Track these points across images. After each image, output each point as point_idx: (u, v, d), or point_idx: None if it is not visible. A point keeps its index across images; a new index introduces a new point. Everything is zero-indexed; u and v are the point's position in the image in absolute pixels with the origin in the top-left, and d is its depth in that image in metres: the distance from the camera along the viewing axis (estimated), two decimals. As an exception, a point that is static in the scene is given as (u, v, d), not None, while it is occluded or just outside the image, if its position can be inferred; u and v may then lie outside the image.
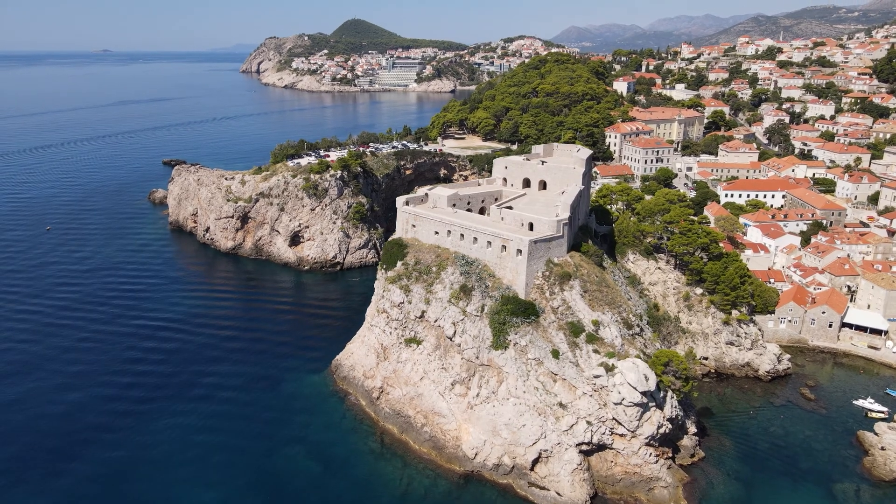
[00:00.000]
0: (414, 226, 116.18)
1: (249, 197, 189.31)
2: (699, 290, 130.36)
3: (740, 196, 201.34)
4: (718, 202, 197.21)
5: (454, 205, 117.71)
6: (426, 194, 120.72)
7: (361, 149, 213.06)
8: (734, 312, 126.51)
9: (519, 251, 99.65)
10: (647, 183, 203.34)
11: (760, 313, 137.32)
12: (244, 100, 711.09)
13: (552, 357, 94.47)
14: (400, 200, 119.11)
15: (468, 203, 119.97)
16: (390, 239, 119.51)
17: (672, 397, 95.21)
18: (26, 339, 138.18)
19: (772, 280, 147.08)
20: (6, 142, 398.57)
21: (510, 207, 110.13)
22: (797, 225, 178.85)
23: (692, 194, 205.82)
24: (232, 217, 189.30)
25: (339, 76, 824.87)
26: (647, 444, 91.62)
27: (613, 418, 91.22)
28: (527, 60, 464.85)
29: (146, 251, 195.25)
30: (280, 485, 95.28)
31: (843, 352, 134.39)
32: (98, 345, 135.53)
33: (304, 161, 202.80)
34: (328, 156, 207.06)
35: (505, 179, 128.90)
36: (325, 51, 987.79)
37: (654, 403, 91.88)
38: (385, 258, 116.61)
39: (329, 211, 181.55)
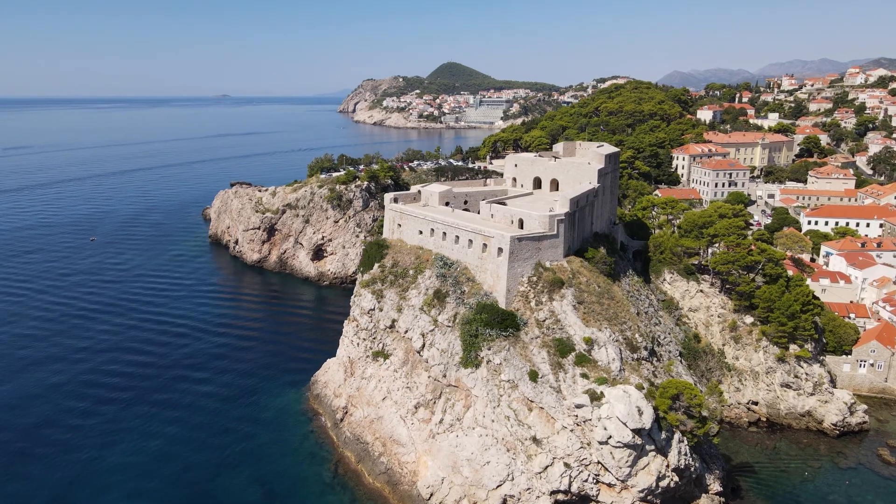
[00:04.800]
0: (400, 225, 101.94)
1: (277, 208, 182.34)
2: (749, 319, 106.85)
3: (826, 223, 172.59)
4: (799, 230, 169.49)
5: (448, 203, 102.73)
6: (419, 192, 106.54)
7: (401, 164, 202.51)
8: (792, 347, 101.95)
9: (500, 250, 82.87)
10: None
11: (833, 353, 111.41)
12: (331, 134, 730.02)
13: (529, 380, 76.07)
14: (388, 197, 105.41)
15: (465, 202, 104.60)
16: (372, 240, 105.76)
17: (682, 441, 73.79)
18: (28, 336, 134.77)
19: (852, 315, 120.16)
20: (101, 165, 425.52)
21: (504, 204, 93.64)
22: (895, 256, 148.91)
23: (767, 220, 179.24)
24: (259, 228, 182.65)
25: (425, 113, 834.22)
26: (644, 500, 70.65)
27: (598, 462, 71.19)
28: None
29: (177, 262, 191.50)
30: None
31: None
32: (89, 351, 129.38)
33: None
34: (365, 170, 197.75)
35: (515, 179, 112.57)
36: (417, 90, 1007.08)
37: (652, 447, 71.08)
38: (363, 260, 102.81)
39: (352, 224, 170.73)
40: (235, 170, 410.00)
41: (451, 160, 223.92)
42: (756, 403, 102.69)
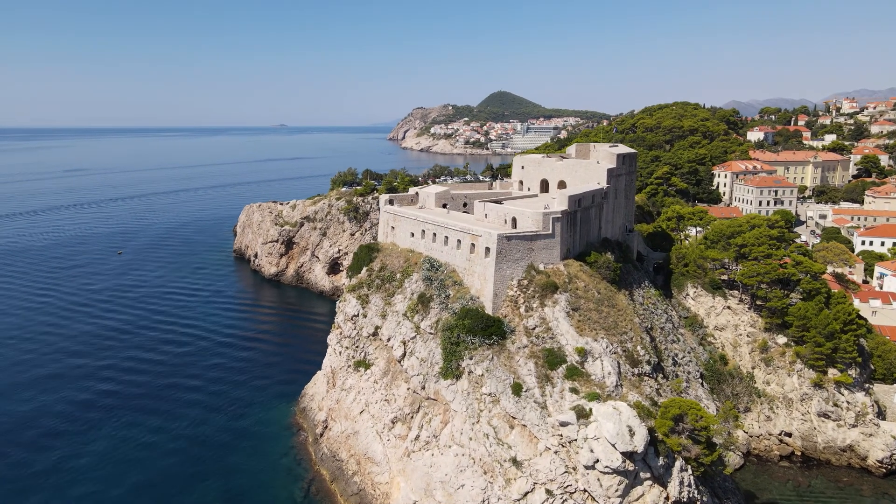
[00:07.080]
0: (393, 228, 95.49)
1: (296, 221, 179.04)
2: (782, 339, 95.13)
3: (882, 244, 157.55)
4: (852, 250, 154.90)
5: (445, 205, 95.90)
6: (416, 193, 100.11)
7: (426, 179, 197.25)
8: (831, 372, 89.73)
9: (487, 250, 75.15)
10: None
11: (882, 381, 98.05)
12: (377, 160, 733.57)
13: (512, 393, 67.43)
14: (383, 199, 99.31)
15: (465, 205, 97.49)
16: (363, 243, 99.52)
17: (685, 470, 63.47)
18: (28, 341, 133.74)
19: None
20: (150, 186, 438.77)
21: (499, 203, 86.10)
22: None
23: (816, 241, 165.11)
24: (276, 241, 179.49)
25: (472, 140, 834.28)
26: (637, 537, 60.49)
27: (585, 489, 61.64)
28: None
29: (197, 275, 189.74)
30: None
31: None
32: (87, 352, 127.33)
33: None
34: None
35: (521, 182, 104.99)
36: (466, 118, 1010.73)
37: (648, 474, 61.12)
38: (352, 264, 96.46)
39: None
40: (277, 190, 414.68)
41: (480, 176, 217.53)
42: (789, 435, 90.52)
